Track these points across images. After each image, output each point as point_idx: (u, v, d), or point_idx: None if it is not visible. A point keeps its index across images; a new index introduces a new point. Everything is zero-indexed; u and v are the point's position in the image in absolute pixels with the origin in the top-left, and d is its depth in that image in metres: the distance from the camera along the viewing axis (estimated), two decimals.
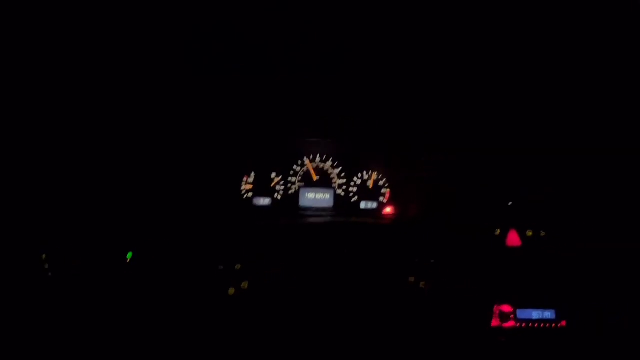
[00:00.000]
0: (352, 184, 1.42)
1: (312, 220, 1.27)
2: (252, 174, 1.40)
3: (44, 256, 0.97)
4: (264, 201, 1.40)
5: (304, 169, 1.42)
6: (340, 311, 1.04)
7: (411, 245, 1.15)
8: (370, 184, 1.42)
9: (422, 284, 1.07)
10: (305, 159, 1.42)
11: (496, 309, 1.14)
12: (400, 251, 1.13)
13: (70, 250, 1.00)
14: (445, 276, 1.10)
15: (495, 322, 1.14)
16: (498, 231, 1.23)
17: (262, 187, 1.40)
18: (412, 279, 1.09)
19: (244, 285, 1.01)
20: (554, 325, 1.15)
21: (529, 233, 1.24)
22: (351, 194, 1.42)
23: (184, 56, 1.25)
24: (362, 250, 1.12)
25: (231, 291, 1.00)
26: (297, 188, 1.41)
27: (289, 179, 1.41)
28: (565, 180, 1.29)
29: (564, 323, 1.15)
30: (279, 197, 1.40)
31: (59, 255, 0.98)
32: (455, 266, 1.13)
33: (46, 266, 0.96)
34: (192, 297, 0.98)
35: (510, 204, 1.27)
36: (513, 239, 1.23)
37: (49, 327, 0.92)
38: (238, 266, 1.03)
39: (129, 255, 1.02)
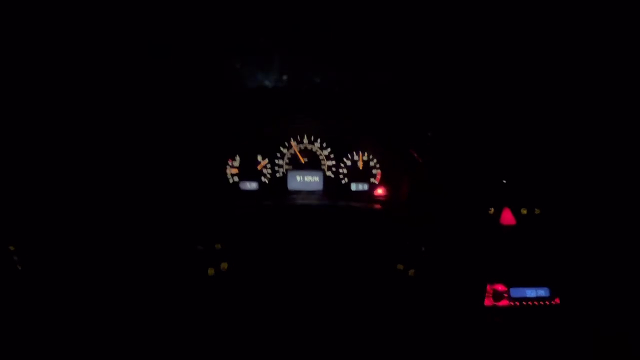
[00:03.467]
0: (341, 165, 1.36)
1: (298, 202, 1.22)
2: (237, 158, 1.34)
3: (11, 248, 0.91)
4: (251, 185, 1.34)
5: (291, 150, 1.36)
6: (323, 295, 1.01)
7: (402, 226, 1.11)
8: (360, 165, 1.36)
9: (411, 272, 1.05)
10: (291, 140, 1.35)
11: (490, 288, 1.13)
12: (390, 236, 1.09)
13: (41, 240, 0.95)
14: (437, 261, 1.07)
15: (489, 302, 1.13)
16: (492, 210, 1.20)
17: (249, 171, 1.34)
18: (400, 267, 1.06)
19: (224, 266, 0.98)
20: (547, 302, 1.14)
21: (524, 211, 1.21)
22: (341, 176, 1.37)
23: (165, 40, 1.17)
24: (350, 235, 1.09)
25: (210, 271, 0.97)
26: (284, 171, 1.35)
27: (276, 161, 1.35)
28: (560, 157, 1.26)
29: (557, 300, 1.14)
30: (267, 180, 1.35)
31: (28, 247, 0.93)
32: (448, 247, 1.10)
33: (15, 258, 0.91)
34: (171, 277, 0.96)
35: (504, 182, 1.23)
36: (507, 217, 1.20)
37: (22, 319, 0.88)
38: (218, 246, 1.00)
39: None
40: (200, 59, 1.36)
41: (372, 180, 1.37)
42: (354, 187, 1.36)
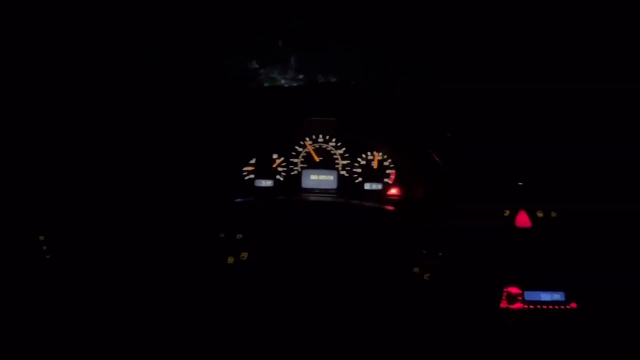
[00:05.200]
0: (356, 164, 1.37)
1: (313, 199, 1.24)
2: (253, 156, 1.37)
3: (41, 237, 0.95)
4: (266, 183, 1.37)
5: (306, 149, 1.38)
6: (336, 293, 1.02)
7: (416, 228, 1.11)
8: (375, 164, 1.37)
9: (426, 276, 1.05)
10: (306, 139, 1.37)
11: (504, 291, 1.12)
12: (404, 237, 1.09)
13: (70, 231, 0.99)
14: (452, 263, 1.07)
15: (503, 305, 1.12)
16: (507, 212, 1.19)
17: (264, 169, 1.37)
18: (417, 270, 1.06)
19: (244, 255, 1.01)
20: (563, 307, 1.13)
21: (540, 214, 1.20)
22: (355, 175, 1.38)
23: (180, 37, 1.21)
24: (363, 234, 1.09)
25: (230, 260, 1.00)
26: (299, 169, 1.37)
27: (291, 160, 1.37)
28: (578, 160, 1.24)
29: (574, 305, 1.13)
30: (281, 178, 1.37)
31: (57, 236, 0.97)
32: (463, 250, 1.10)
33: (44, 248, 0.95)
34: (191, 264, 0.99)
35: (520, 184, 1.22)
36: (523, 219, 1.19)
37: (49, 308, 0.92)
38: (239, 236, 1.02)
39: None
40: (216, 57, 1.39)
41: (385, 180, 1.38)
42: (367, 186, 1.37)
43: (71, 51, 1.14)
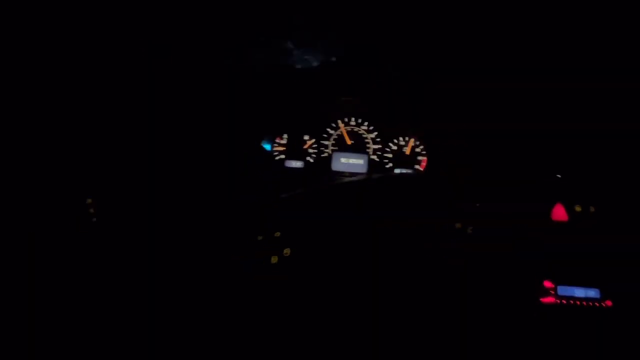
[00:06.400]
0: (387, 149, 1.36)
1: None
2: (285, 136, 1.37)
3: (89, 201, 0.97)
4: (296, 164, 1.37)
5: (338, 131, 1.37)
6: (384, 272, 1.01)
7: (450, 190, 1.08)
8: (407, 150, 1.36)
9: (469, 230, 1.01)
10: (339, 122, 1.36)
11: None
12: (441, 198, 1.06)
13: (116, 197, 1.00)
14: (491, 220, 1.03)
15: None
16: (544, 205, 1.16)
17: (295, 150, 1.37)
18: (459, 225, 1.02)
19: (286, 252, 0.99)
20: (597, 304, 1.10)
21: (578, 208, 1.16)
22: (386, 160, 1.36)
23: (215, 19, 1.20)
24: (401, 202, 1.06)
25: (274, 259, 0.98)
26: (330, 152, 1.37)
27: (322, 142, 1.37)
28: (619, 154, 1.20)
29: (609, 303, 1.09)
30: (312, 160, 1.37)
31: (104, 200, 0.98)
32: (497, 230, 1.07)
33: (91, 210, 0.96)
34: (239, 271, 0.97)
35: (559, 176, 1.19)
36: (559, 213, 1.16)
37: (94, 274, 0.92)
38: (277, 234, 1.01)
39: None
40: (252, 37, 1.39)
41: (416, 167, 1.36)
42: (397, 171, 1.36)
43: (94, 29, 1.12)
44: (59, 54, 1.05)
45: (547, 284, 1.10)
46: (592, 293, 1.11)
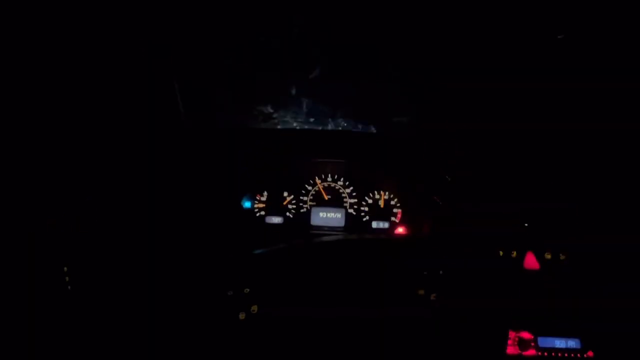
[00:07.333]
0: (363, 203, 1.42)
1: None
2: (265, 193, 1.43)
3: (65, 269, 0.98)
4: (276, 220, 1.41)
5: (315, 188, 1.44)
6: (352, 326, 1.01)
7: (422, 260, 1.11)
8: (381, 203, 1.41)
9: (432, 296, 1.02)
10: (316, 178, 1.44)
11: (515, 335, 1.08)
12: (410, 264, 1.08)
13: (92, 264, 1.01)
14: (457, 290, 1.05)
15: (514, 350, 1.08)
16: (515, 253, 1.19)
17: (274, 206, 1.42)
18: (421, 292, 1.03)
19: (254, 309, 1.00)
20: (579, 355, 1.08)
21: (548, 256, 1.19)
22: (362, 214, 1.41)
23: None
24: (372, 266, 1.09)
25: (242, 316, 0.99)
26: (308, 207, 1.42)
27: (301, 198, 1.43)
28: (586, 202, 1.24)
29: (590, 354, 1.08)
30: (291, 215, 1.42)
31: (80, 268, 0.99)
32: (468, 285, 1.08)
33: (67, 279, 0.97)
34: (205, 325, 0.97)
35: (526, 225, 1.23)
36: (530, 261, 1.18)
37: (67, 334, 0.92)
38: (247, 290, 1.02)
39: None
40: (234, 99, 1.48)
41: (392, 219, 1.40)
42: (374, 224, 1.40)
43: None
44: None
45: (526, 335, 1.09)
46: (573, 343, 1.10)
